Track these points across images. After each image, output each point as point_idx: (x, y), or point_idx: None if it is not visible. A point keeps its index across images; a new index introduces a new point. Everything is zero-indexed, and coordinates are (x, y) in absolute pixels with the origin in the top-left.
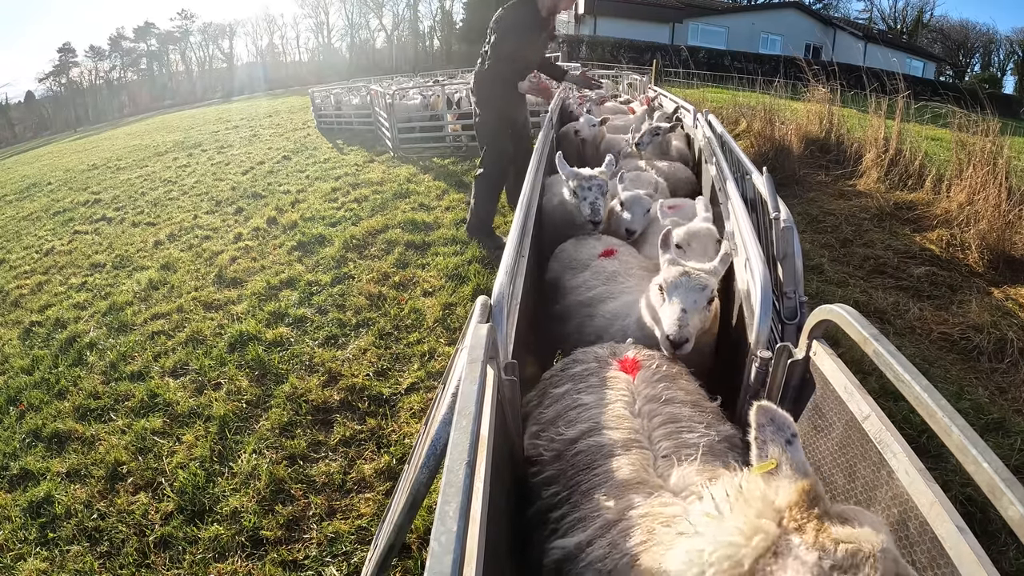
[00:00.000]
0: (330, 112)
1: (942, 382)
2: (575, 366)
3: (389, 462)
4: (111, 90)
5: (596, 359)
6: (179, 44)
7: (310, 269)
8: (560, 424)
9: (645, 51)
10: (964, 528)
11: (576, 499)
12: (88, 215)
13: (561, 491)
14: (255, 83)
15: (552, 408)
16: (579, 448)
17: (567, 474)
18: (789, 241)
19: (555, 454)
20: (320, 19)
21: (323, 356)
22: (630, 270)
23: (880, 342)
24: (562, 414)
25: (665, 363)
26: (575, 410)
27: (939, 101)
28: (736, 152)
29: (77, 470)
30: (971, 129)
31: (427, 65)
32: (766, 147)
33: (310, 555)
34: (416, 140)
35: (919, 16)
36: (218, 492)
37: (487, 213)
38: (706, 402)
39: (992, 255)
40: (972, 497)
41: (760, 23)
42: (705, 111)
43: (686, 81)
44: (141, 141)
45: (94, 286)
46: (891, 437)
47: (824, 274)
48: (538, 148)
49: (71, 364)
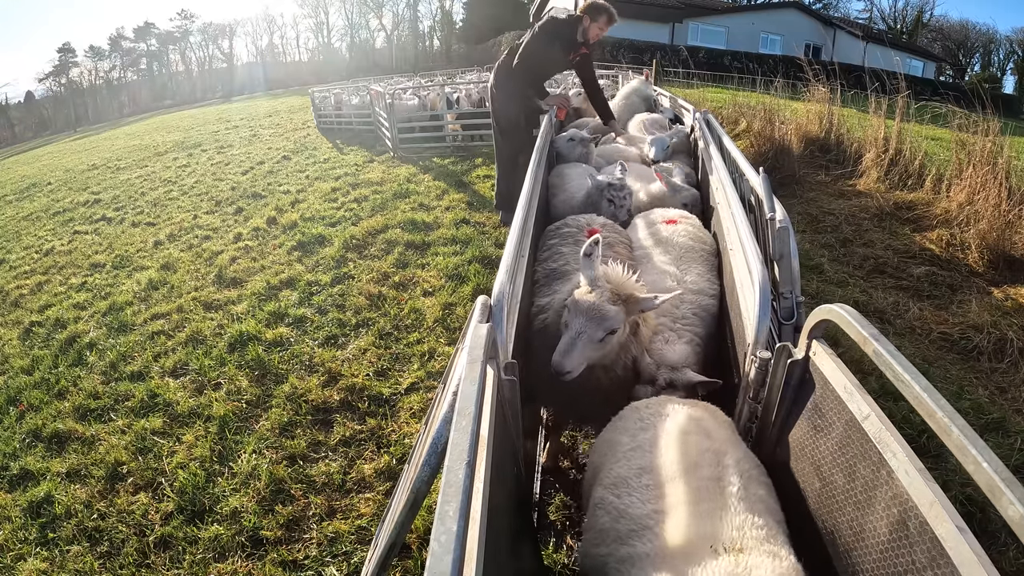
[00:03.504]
0: (330, 112)
1: (942, 382)
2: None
3: (389, 462)
4: (111, 90)
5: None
6: (179, 44)
7: (310, 269)
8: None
9: (645, 51)
10: (964, 528)
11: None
12: (88, 215)
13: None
14: (255, 83)
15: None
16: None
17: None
18: (786, 241)
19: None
20: (320, 19)
21: (323, 356)
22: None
23: (880, 342)
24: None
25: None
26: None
27: (939, 101)
28: (733, 152)
29: (77, 470)
30: (971, 129)
31: (427, 65)
32: (766, 147)
33: (310, 555)
34: (416, 140)
35: (919, 16)
36: (218, 492)
37: (506, 187)
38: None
39: (992, 255)
40: (972, 497)
41: (760, 23)
42: (704, 111)
43: (686, 81)
44: (141, 141)
45: (94, 286)
46: (891, 437)
47: (824, 274)
48: (538, 148)
49: (71, 364)
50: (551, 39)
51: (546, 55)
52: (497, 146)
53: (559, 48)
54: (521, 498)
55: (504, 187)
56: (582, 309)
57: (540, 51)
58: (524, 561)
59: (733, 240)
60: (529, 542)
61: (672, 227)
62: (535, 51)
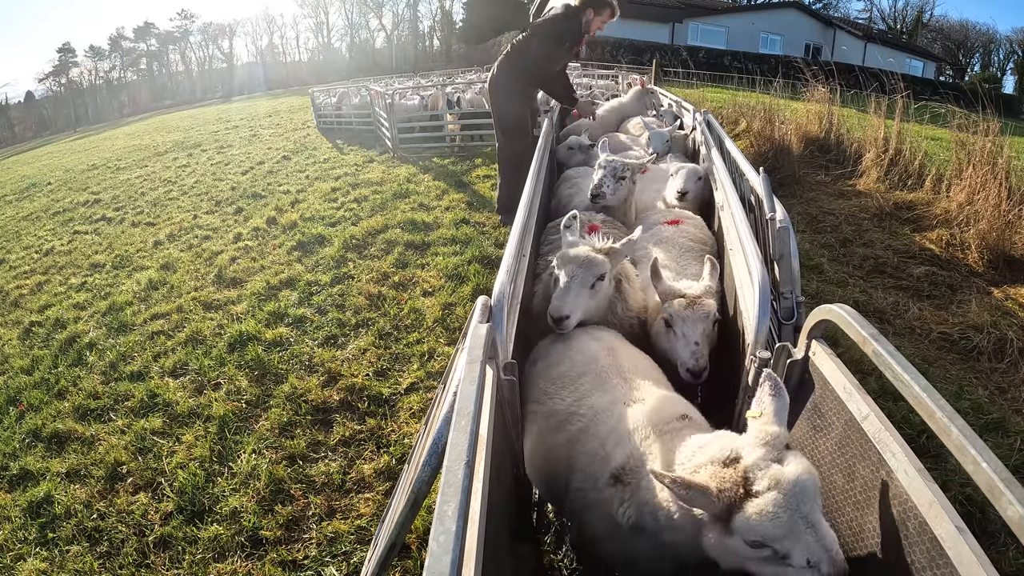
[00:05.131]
0: (330, 112)
1: (942, 382)
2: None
3: (388, 462)
4: (111, 90)
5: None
6: (179, 44)
7: (310, 269)
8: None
9: (645, 51)
10: (963, 528)
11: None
12: (88, 215)
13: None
14: (255, 83)
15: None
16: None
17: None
18: (786, 241)
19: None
20: (320, 19)
21: (323, 356)
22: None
23: (879, 342)
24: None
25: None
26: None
27: (939, 101)
28: (733, 152)
29: (77, 470)
30: (971, 129)
31: (427, 65)
32: (766, 147)
33: (310, 555)
34: (416, 140)
35: (919, 16)
36: (218, 492)
37: (509, 192)
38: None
39: (992, 255)
40: (971, 497)
41: (760, 23)
42: (704, 111)
43: (686, 81)
44: (141, 141)
45: (94, 286)
46: (890, 437)
47: (824, 274)
48: (540, 147)
49: (71, 364)
50: (559, 40)
51: (556, 56)
52: (500, 149)
53: (567, 48)
54: (521, 498)
55: (507, 191)
56: (571, 258)
57: (555, 54)
58: (523, 561)
59: (733, 240)
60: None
61: (673, 228)
62: (543, 54)
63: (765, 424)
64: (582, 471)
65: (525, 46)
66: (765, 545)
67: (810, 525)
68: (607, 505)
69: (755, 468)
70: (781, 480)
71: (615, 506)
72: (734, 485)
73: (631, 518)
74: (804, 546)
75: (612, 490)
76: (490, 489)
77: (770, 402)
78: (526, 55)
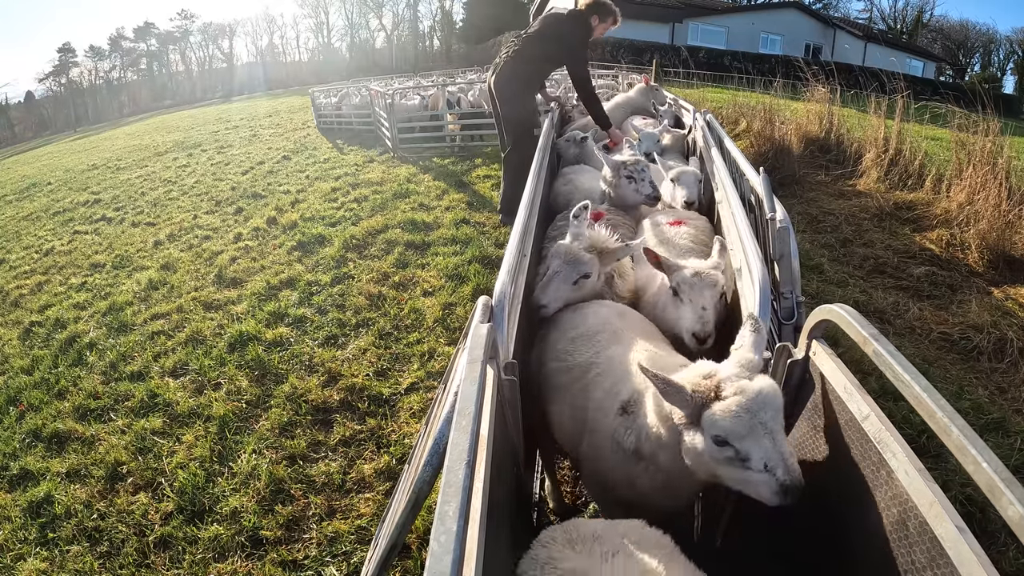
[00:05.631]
0: (330, 112)
1: (942, 382)
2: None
3: (389, 462)
4: (111, 90)
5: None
6: (179, 44)
7: (310, 269)
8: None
9: (645, 51)
10: (963, 528)
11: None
12: (88, 215)
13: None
14: (255, 83)
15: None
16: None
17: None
18: (786, 241)
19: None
20: (320, 19)
21: (323, 356)
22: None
23: (880, 342)
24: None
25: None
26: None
27: (939, 101)
28: (733, 152)
29: (77, 470)
30: (971, 129)
31: (427, 65)
32: (766, 147)
33: (310, 555)
34: (416, 140)
35: (919, 16)
36: (218, 492)
37: (513, 194)
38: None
39: (992, 255)
40: (972, 497)
41: (760, 23)
42: (704, 111)
43: (686, 81)
44: (141, 141)
45: (94, 286)
46: (890, 437)
47: (824, 274)
48: (540, 147)
49: (71, 364)
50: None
51: (558, 58)
52: (508, 152)
53: (577, 50)
54: (521, 498)
55: (511, 193)
56: (559, 253)
57: (553, 55)
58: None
59: (733, 240)
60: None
61: (676, 228)
62: (540, 54)
63: (743, 352)
64: (598, 406)
65: (532, 48)
66: (728, 444)
67: (768, 432)
68: (615, 433)
69: (727, 380)
70: (746, 389)
71: (621, 433)
72: (707, 390)
73: (632, 444)
74: (762, 450)
75: (620, 419)
76: (491, 489)
77: (749, 336)
78: (533, 57)
